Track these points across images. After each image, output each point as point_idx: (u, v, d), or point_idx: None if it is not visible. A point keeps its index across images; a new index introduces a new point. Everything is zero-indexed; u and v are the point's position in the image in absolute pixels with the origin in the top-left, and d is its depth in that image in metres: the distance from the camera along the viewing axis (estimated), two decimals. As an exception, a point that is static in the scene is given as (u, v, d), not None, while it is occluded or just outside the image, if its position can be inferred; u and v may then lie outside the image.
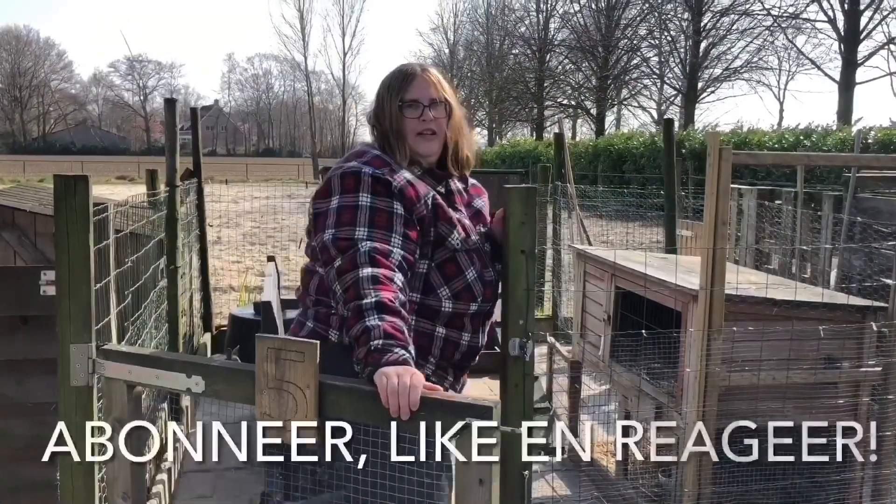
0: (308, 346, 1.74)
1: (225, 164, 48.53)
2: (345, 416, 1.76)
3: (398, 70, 2.10)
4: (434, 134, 2.06)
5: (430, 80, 2.07)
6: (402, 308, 1.79)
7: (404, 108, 2.05)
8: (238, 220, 16.72)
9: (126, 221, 3.93)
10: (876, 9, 29.88)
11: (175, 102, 4.88)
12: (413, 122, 2.05)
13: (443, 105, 2.07)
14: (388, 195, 1.94)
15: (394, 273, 1.84)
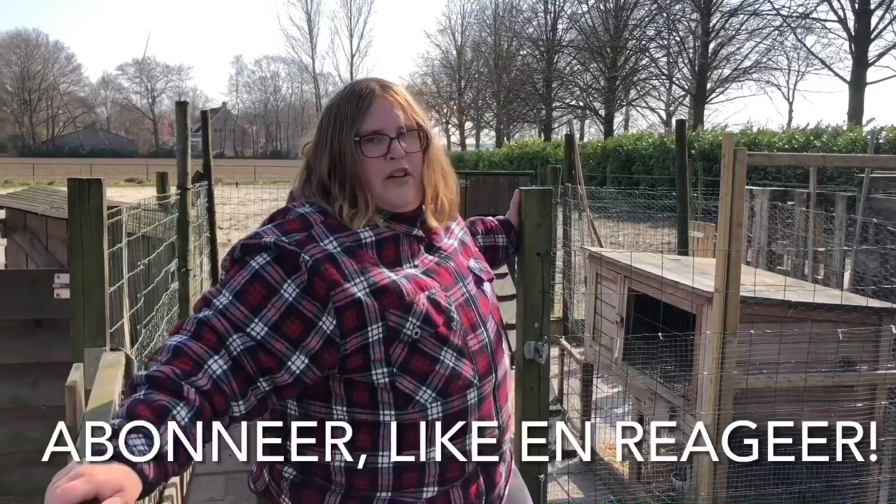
0: None
1: (233, 166, 48.66)
2: None
3: (349, 91, 1.51)
4: (407, 175, 1.48)
5: (395, 101, 1.49)
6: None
7: (363, 144, 1.46)
8: (247, 223, 16.75)
9: (138, 224, 3.93)
10: (887, 8, 29.73)
11: (186, 105, 4.88)
12: (378, 163, 1.46)
13: (416, 133, 1.49)
14: (285, 270, 1.37)
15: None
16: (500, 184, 6.86)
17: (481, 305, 1.54)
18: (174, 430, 1.18)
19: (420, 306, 1.42)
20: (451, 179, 1.60)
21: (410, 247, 1.51)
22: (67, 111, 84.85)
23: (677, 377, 3.63)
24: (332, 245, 1.41)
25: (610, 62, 40.13)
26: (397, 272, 1.45)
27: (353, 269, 1.40)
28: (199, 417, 1.23)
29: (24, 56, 78.17)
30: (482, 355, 1.49)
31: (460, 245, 1.63)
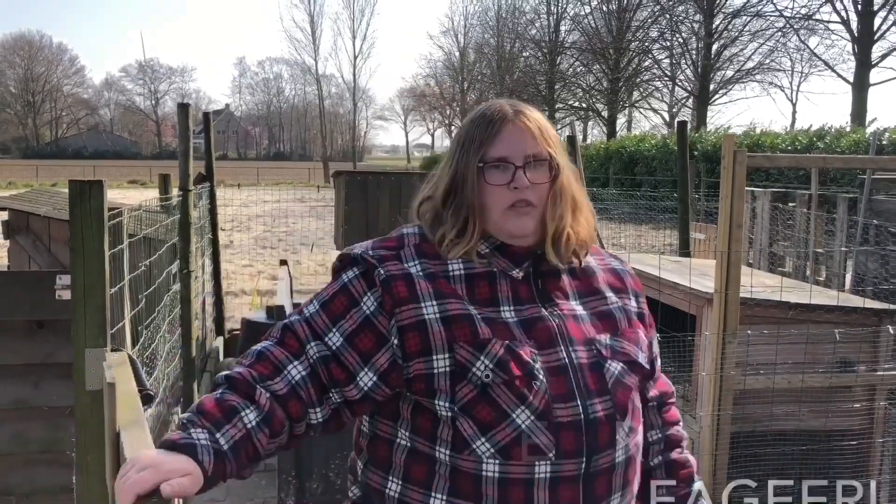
0: None
1: (235, 167, 48.71)
2: None
3: (481, 113, 1.42)
4: (530, 206, 1.37)
5: (526, 128, 1.38)
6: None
7: (487, 171, 1.37)
8: (249, 224, 16.77)
9: (139, 226, 3.95)
10: (890, 9, 29.70)
11: (188, 107, 4.90)
12: (500, 192, 1.36)
13: (545, 163, 1.38)
14: (367, 283, 1.37)
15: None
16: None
17: (589, 380, 1.32)
18: (238, 431, 1.22)
19: (495, 349, 1.30)
20: (582, 213, 1.43)
21: (512, 288, 1.38)
22: (71, 113, 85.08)
23: (677, 378, 3.64)
24: (416, 268, 1.37)
25: (613, 63, 40.13)
26: (483, 311, 1.34)
27: (428, 292, 1.34)
28: (267, 422, 1.26)
29: (27, 58, 78.40)
30: (571, 432, 1.29)
31: (596, 316, 1.41)
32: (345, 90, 73.74)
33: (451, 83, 63.02)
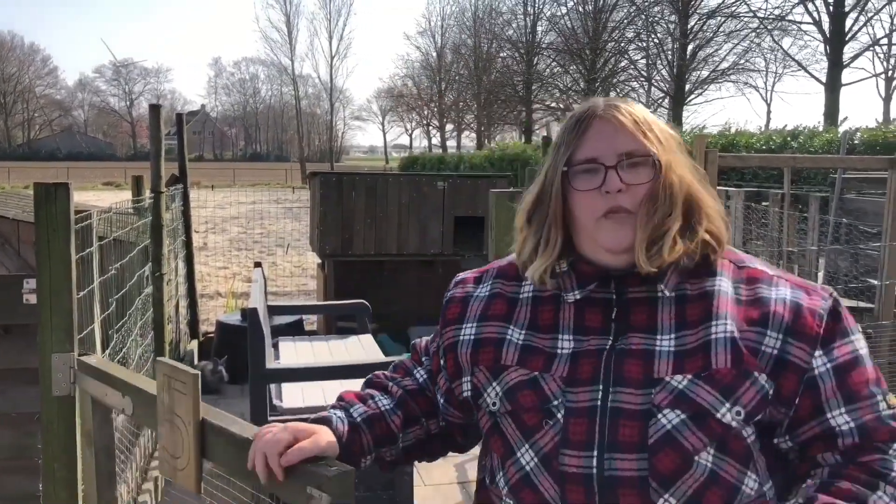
0: (189, 375, 1.46)
1: (212, 168, 48.38)
2: (222, 461, 1.44)
3: (571, 115, 1.25)
4: (628, 213, 1.17)
5: (620, 123, 1.18)
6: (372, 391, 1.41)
7: (574, 176, 1.19)
8: (224, 226, 16.66)
9: (110, 228, 3.89)
10: (861, 10, 30.09)
11: (160, 108, 4.85)
12: (590, 198, 1.18)
13: (648, 162, 1.17)
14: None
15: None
16: (478, 186, 6.88)
17: (621, 429, 1.11)
18: (372, 410, 1.33)
19: (510, 377, 1.20)
20: (702, 221, 1.19)
21: (577, 314, 1.21)
22: (44, 114, 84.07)
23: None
24: (484, 290, 1.32)
25: (589, 64, 40.32)
26: (537, 337, 1.22)
27: (475, 314, 1.29)
28: (401, 407, 1.36)
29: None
30: (580, 487, 1.12)
31: (687, 352, 1.13)
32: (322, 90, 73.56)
33: (428, 84, 63.02)
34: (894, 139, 15.47)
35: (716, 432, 1.10)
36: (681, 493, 1.09)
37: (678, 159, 1.20)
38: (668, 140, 1.21)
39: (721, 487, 1.10)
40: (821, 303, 1.16)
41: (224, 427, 1.41)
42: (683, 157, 1.22)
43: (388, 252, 6.73)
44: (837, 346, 1.14)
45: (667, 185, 1.17)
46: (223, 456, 1.41)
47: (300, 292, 10.17)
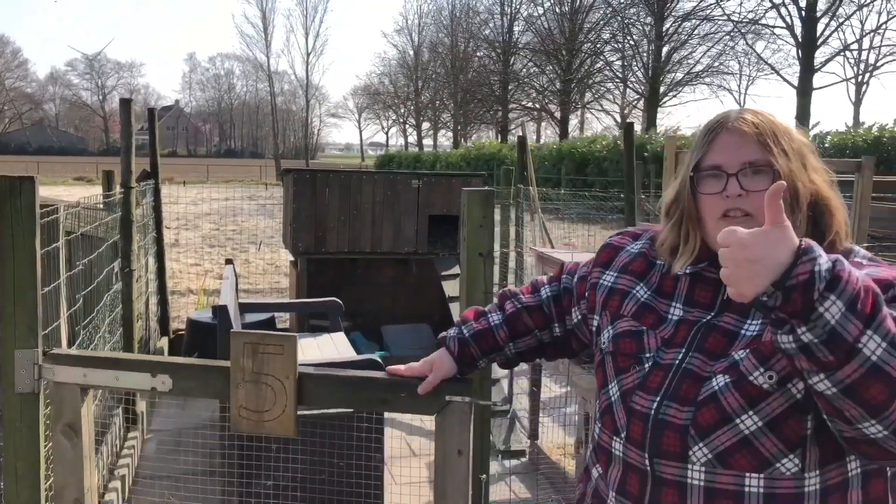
0: (287, 339, 1.79)
1: (185, 164, 47.96)
2: (322, 404, 1.90)
3: (707, 122, 1.41)
4: (748, 216, 1.29)
5: (745, 134, 1.32)
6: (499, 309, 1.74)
7: (701, 180, 1.36)
8: (197, 223, 16.51)
9: (78, 223, 3.84)
10: (832, 16, 30.54)
11: (130, 102, 4.79)
12: (712, 201, 1.34)
13: (768, 171, 1.29)
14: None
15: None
16: (453, 184, 6.87)
17: (684, 385, 1.30)
18: (482, 326, 1.70)
19: (622, 325, 1.43)
20: (830, 224, 1.33)
21: (691, 289, 1.40)
22: (14, 107, 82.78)
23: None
24: (636, 247, 1.54)
25: (565, 65, 40.52)
26: (656, 300, 1.43)
27: (619, 265, 1.53)
28: (510, 322, 1.69)
29: (-32, 50, 76.07)
30: (640, 422, 1.33)
31: (762, 334, 1.28)
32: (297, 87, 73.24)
33: (405, 82, 62.97)
34: (863, 143, 15.72)
35: (750, 395, 1.23)
36: (713, 445, 1.25)
37: (804, 166, 1.33)
38: (795, 148, 1.33)
39: (752, 454, 1.23)
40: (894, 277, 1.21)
41: (329, 374, 1.87)
42: (813, 163, 1.35)
43: (362, 250, 6.70)
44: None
45: (790, 192, 1.28)
46: (318, 399, 1.85)
47: (273, 290, 10.11)
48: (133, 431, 4.52)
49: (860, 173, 3.57)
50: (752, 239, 1.07)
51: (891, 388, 1.05)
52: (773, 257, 1.05)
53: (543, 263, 4.56)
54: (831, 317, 1.03)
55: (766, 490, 1.23)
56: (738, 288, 1.09)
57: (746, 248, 1.07)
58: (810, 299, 1.03)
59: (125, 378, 2.01)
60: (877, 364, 1.04)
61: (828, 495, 1.24)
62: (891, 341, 1.04)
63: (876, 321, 1.04)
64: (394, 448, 4.49)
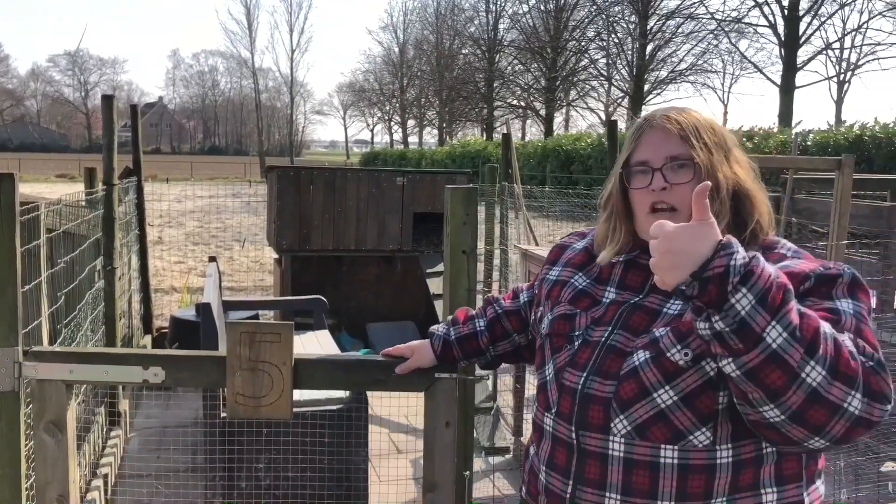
0: (284, 327, 1.92)
1: (169, 161, 47.68)
2: (318, 386, 2.02)
3: (636, 122, 1.52)
4: (672, 210, 1.40)
5: (669, 131, 1.42)
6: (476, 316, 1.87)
7: (631, 176, 1.46)
8: (181, 220, 16.42)
9: (59, 221, 3.81)
10: (814, 15, 30.75)
11: (113, 98, 4.75)
12: (641, 195, 1.44)
13: (689, 165, 1.40)
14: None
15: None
16: (437, 182, 6.87)
17: (608, 360, 1.40)
18: (467, 329, 1.82)
19: (559, 310, 1.54)
20: (752, 214, 1.42)
21: (624, 275, 1.50)
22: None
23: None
24: (581, 244, 1.66)
25: (550, 62, 40.58)
26: (595, 287, 1.53)
27: (564, 261, 1.65)
28: (490, 328, 1.81)
29: (-53, 46, 75.21)
30: (568, 397, 1.42)
31: (682, 313, 1.37)
32: (282, 84, 72.90)
33: (390, 79, 62.85)
34: (845, 141, 15.84)
35: (667, 370, 1.31)
36: (632, 418, 1.34)
37: (726, 159, 1.42)
38: (718, 143, 1.42)
39: (667, 426, 1.32)
40: (816, 268, 1.31)
41: (324, 358, 2.04)
42: (737, 156, 1.45)
43: (347, 248, 6.70)
44: (815, 299, 1.28)
45: (718, 183, 1.38)
46: (314, 383, 1.99)
47: (257, 288, 10.08)
48: (116, 430, 4.50)
49: (840, 171, 3.60)
50: (677, 232, 1.15)
51: (788, 374, 1.12)
52: (695, 250, 1.13)
53: (528, 261, 4.57)
54: (741, 308, 1.10)
55: (680, 461, 1.31)
56: (662, 276, 1.17)
57: (672, 240, 1.15)
58: (724, 291, 1.11)
59: (115, 372, 2.02)
60: (776, 352, 1.11)
61: (740, 469, 1.31)
62: (791, 332, 1.11)
63: (781, 313, 1.11)
64: (379, 445, 4.49)
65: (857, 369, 1.14)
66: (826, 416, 1.14)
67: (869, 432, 1.19)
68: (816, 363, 1.12)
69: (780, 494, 1.34)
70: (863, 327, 1.25)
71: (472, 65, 47.59)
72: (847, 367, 1.13)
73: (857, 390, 1.14)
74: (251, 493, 3.47)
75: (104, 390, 4.35)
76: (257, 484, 3.50)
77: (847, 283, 1.31)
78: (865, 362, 1.16)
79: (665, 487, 1.32)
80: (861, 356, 1.17)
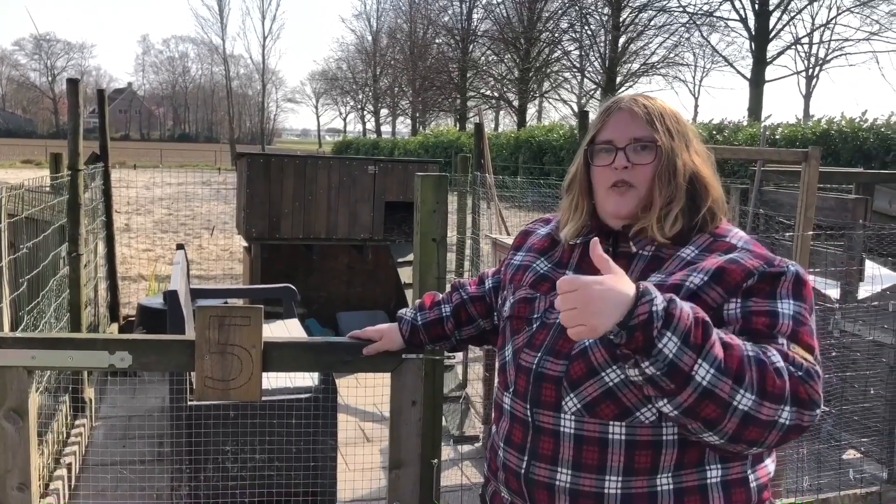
0: (253, 310, 1.93)
1: (138, 148, 47.04)
2: (287, 369, 2.04)
3: (604, 103, 1.58)
4: (631, 187, 1.47)
5: (636, 114, 1.48)
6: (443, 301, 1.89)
7: (595, 154, 1.52)
8: (150, 207, 16.21)
9: (22, 206, 3.74)
10: (784, 10, 31.06)
11: (78, 82, 4.67)
12: (602, 172, 1.50)
13: (652, 147, 1.46)
14: None
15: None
16: (409, 170, 6.85)
17: (561, 341, 1.43)
18: (433, 315, 1.85)
19: (520, 293, 1.58)
20: (705, 199, 1.47)
21: (581, 258, 1.53)
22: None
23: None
24: (544, 230, 1.68)
25: (523, 53, 40.57)
26: (555, 270, 1.56)
27: (528, 246, 1.67)
28: (455, 313, 1.84)
29: None
30: (524, 376, 1.48)
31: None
32: (253, 71, 72.20)
33: (363, 67, 62.50)
34: (812, 135, 16.05)
35: (615, 351, 1.31)
36: (582, 396, 1.39)
37: (686, 147, 1.48)
38: (681, 131, 1.49)
39: (615, 403, 1.36)
40: (760, 265, 1.35)
41: (292, 341, 2.09)
42: (696, 146, 1.50)
43: (317, 236, 6.65)
44: (757, 299, 1.32)
45: (670, 167, 1.45)
46: (281, 364, 1.99)
47: (227, 276, 9.99)
48: (80, 419, 4.44)
49: (807, 163, 3.64)
50: (594, 287, 1.19)
51: (721, 406, 1.18)
52: (617, 300, 1.18)
53: (499, 250, 4.57)
54: (669, 351, 1.16)
55: (628, 437, 1.36)
56: (582, 331, 1.20)
57: (589, 293, 1.19)
58: (650, 337, 1.16)
59: (80, 357, 2.00)
60: (706, 388, 1.17)
61: (686, 446, 1.35)
62: (717, 367, 1.18)
63: (705, 350, 1.18)
64: (347, 433, 4.48)
65: (784, 386, 1.20)
66: (760, 432, 1.21)
67: (799, 435, 1.25)
68: (745, 391, 1.18)
69: (725, 472, 1.38)
70: (800, 330, 1.30)
71: (445, 54, 47.45)
72: (773, 387, 1.19)
73: (785, 404, 1.20)
74: (218, 482, 3.45)
75: (68, 376, 4.29)
76: (224, 472, 3.47)
77: (791, 280, 1.35)
78: (795, 372, 1.22)
79: (613, 463, 1.37)
80: (791, 366, 1.23)
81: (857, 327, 4.23)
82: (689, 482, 1.36)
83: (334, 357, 2.00)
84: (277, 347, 1.99)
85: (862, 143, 15.02)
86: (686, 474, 1.36)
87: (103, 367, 2.01)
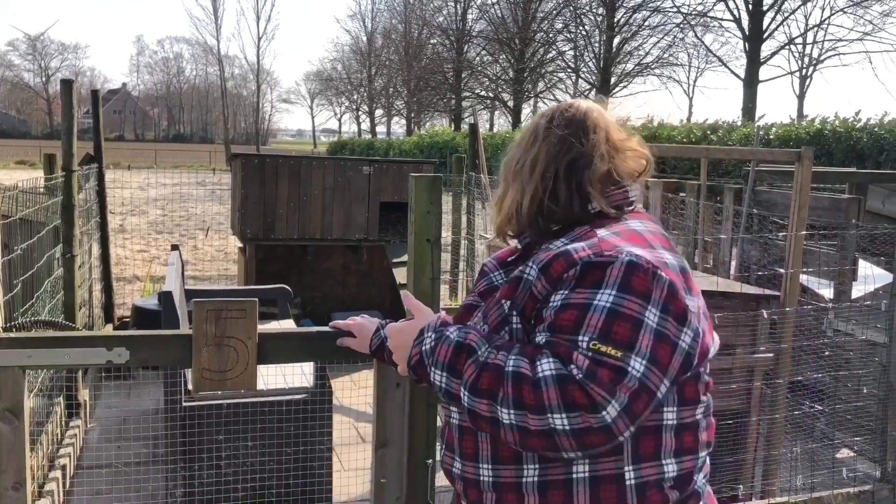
0: (249, 303, 2.01)
1: (133, 149, 46.97)
2: (282, 359, 2.16)
3: None
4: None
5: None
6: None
7: None
8: (144, 208, 16.18)
9: (16, 207, 3.74)
10: (778, 10, 31.11)
11: (72, 83, 4.66)
12: None
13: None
14: None
15: None
16: (404, 171, 6.85)
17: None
18: None
19: (468, 300, 1.71)
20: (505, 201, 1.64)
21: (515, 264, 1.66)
22: (-49, 88, 79.82)
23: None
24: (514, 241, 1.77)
25: (518, 54, 40.59)
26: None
27: (497, 255, 1.78)
28: None
29: None
30: None
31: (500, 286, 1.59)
32: (248, 71, 72.07)
33: (358, 68, 62.44)
34: (806, 135, 16.08)
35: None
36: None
37: (518, 155, 1.62)
38: (526, 139, 1.64)
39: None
40: (587, 255, 1.37)
41: (287, 332, 2.20)
42: (517, 152, 1.63)
43: (312, 237, 6.65)
44: (578, 291, 1.34)
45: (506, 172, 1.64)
46: (276, 356, 2.09)
47: (221, 277, 9.98)
48: (75, 420, 4.43)
49: (800, 163, 3.66)
50: (398, 329, 1.63)
51: (489, 422, 1.33)
52: (404, 343, 1.54)
53: (493, 251, 4.58)
54: (441, 383, 1.41)
55: None
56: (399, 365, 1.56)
57: (392, 336, 1.62)
58: (426, 373, 1.44)
59: (77, 354, 2.02)
60: (469, 408, 1.35)
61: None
62: (471, 390, 1.34)
63: (464, 378, 1.36)
64: (342, 434, 4.48)
65: (542, 396, 1.25)
66: (544, 441, 1.28)
67: (612, 437, 1.25)
68: (502, 406, 1.30)
69: (593, 468, 1.38)
70: (616, 323, 1.29)
71: (440, 55, 47.42)
72: (530, 398, 1.26)
73: (552, 413, 1.25)
74: (212, 483, 3.44)
75: (63, 374, 4.29)
76: (218, 473, 3.47)
77: (620, 270, 1.34)
78: (574, 377, 1.25)
79: (484, 451, 1.47)
80: (575, 369, 1.26)
81: (850, 327, 4.25)
82: (553, 475, 1.39)
83: (323, 345, 2.07)
84: (272, 338, 2.08)
85: (855, 143, 15.06)
86: (552, 468, 1.40)
87: (100, 363, 2.03)
